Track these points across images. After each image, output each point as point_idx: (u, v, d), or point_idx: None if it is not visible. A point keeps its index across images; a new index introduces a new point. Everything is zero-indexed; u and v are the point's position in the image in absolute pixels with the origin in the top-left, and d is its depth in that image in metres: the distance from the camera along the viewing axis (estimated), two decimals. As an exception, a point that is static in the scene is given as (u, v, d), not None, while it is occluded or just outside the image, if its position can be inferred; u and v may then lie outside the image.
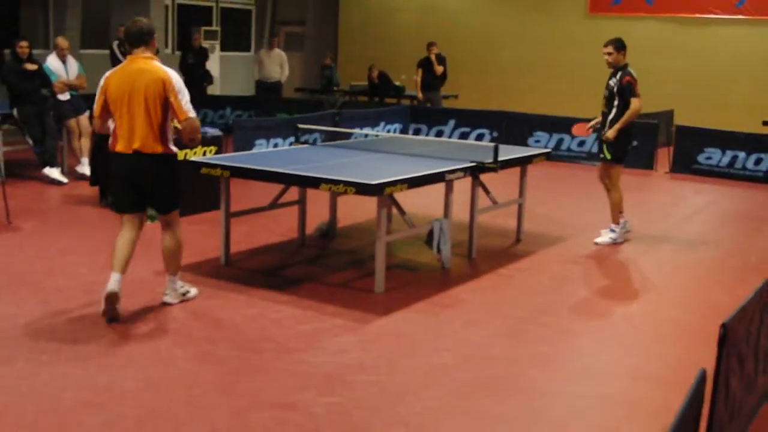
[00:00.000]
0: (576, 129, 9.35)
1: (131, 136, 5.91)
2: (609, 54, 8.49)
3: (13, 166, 11.02)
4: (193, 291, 6.50)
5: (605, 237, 8.65)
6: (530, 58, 19.67)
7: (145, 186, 6.05)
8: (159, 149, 5.95)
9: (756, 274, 7.72)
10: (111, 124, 6.08)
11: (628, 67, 8.46)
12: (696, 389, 3.06)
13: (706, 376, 3.22)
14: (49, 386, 4.82)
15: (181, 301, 6.35)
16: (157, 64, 6.03)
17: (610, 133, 8.40)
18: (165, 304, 6.29)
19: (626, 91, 8.35)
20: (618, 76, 8.42)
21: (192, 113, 5.98)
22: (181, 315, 6.11)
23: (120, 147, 5.97)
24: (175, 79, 5.96)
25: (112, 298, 5.86)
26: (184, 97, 5.94)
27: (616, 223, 8.67)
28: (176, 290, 6.36)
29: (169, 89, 5.88)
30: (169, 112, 5.96)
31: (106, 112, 6.04)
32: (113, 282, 5.90)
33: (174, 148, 6.08)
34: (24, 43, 10.92)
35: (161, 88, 5.87)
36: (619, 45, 8.52)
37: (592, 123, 8.94)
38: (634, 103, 8.33)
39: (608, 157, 8.51)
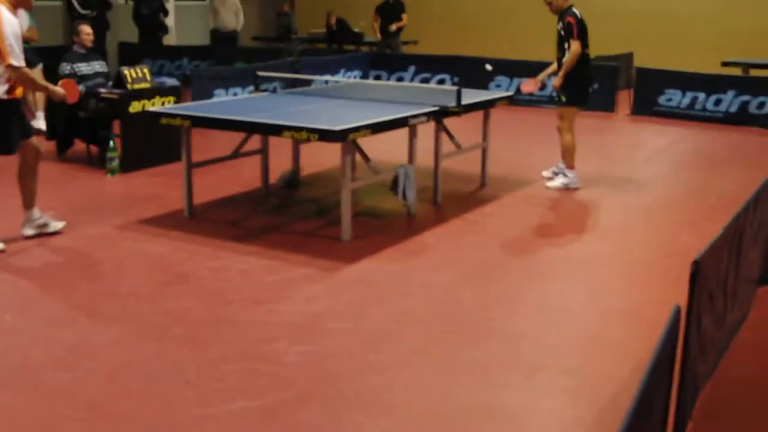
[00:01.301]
0: (524, 86, 9.12)
1: None
2: (549, 3, 8.44)
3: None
4: (54, 224, 6.51)
5: (556, 181, 8.64)
6: (491, 3, 19.51)
7: None
8: None
9: (717, 213, 7.77)
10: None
11: (572, 8, 8.38)
12: (671, 325, 3.06)
13: (680, 312, 3.23)
14: (16, 344, 4.75)
15: (38, 235, 6.37)
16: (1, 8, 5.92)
17: (556, 81, 8.42)
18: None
19: (565, 32, 8.32)
20: (563, 19, 8.34)
21: (17, 62, 5.89)
22: (146, 269, 6.03)
23: None
24: (5, 20, 5.88)
25: None
26: (8, 42, 5.85)
27: (570, 167, 8.61)
28: (33, 221, 6.42)
29: None
30: None
31: None
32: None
33: (2, 94, 6.01)
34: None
35: None
36: None
37: (541, 75, 8.89)
38: (573, 45, 8.26)
39: (563, 99, 8.48)
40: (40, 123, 10.93)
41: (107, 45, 15.26)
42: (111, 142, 8.81)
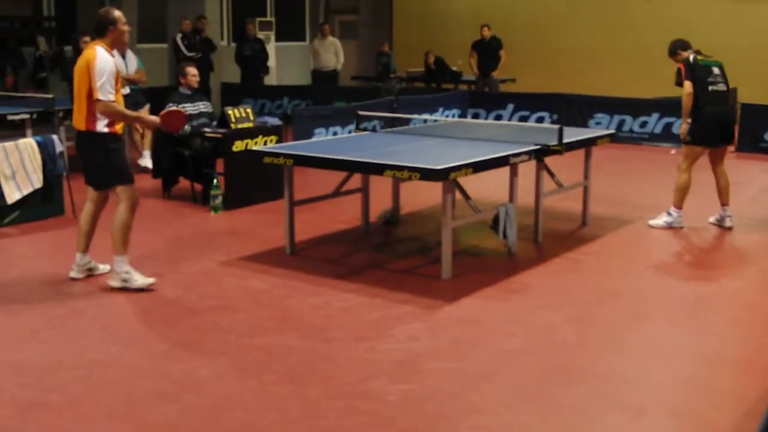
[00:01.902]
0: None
1: (74, 114, 6.33)
2: (676, 62, 8.47)
3: (76, 160, 11.10)
4: (140, 281, 6.34)
5: (659, 219, 8.46)
6: (588, 40, 19.37)
7: (80, 159, 6.54)
8: (82, 126, 6.22)
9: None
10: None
11: (687, 57, 8.37)
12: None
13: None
14: (122, 377, 4.84)
15: (122, 288, 6.30)
16: (96, 47, 6.18)
17: (682, 130, 8.44)
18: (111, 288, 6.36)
19: (677, 77, 8.36)
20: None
21: (104, 96, 6.06)
22: (248, 305, 6.10)
23: None
24: (99, 59, 6.08)
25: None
26: (100, 79, 6.04)
27: (677, 207, 8.43)
28: (118, 273, 6.35)
29: (91, 68, 6.07)
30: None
31: None
32: (73, 266, 6.60)
33: (102, 127, 6.19)
34: (87, 38, 11.00)
35: (85, 67, 6.11)
36: (672, 49, 8.55)
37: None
38: (684, 88, 8.24)
39: (687, 139, 8.36)
40: (146, 161, 11.26)
41: (211, 85, 15.66)
42: (215, 180, 8.99)
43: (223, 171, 9.30)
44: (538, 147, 7.43)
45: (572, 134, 8.22)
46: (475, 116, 15.68)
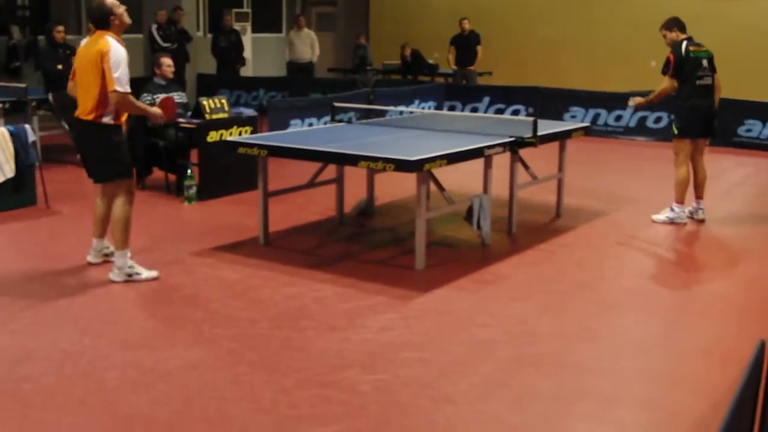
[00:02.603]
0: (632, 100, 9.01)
1: (79, 103, 6.28)
2: (664, 36, 8.48)
3: (49, 150, 11.06)
4: (146, 273, 6.33)
5: (662, 215, 8.48)
6: (564, 34, 19.42)
7: (80, 150, 6.48)
8: (90, 116, 6.16)
9: (803, 245, 7.62)
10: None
11: (679, 44, 8.32)
12: (755, 361, 2.98)
13: (765, 347, 3.14)
14: (93, 367, 4.82)
15: (126, 281, 6.27)
16: (106, 38, 6.13)
17: (632, 101, 8.67)
18: (111, 281, 6.31)
19: (664, 66, 8.32)
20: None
21: (121, 88, 6.03)
22: (221, 295, 6.09)
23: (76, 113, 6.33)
24: (114, 50, 6.05)
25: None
26: (117, 70, 6.01)
27: (679, 202, 8.40)
28: (121, 268, 6.31)
29: (105, 60, 6.02)
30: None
31: (74, 79, 6.45)
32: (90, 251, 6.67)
33: (109, 120, 6.17)
34: (61, 28, 10.96)
35: (98, 58, 6.05)
36: (669, 24, 8.49)
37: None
38: (663, 81, 8.27)
39: (675, 132, 8.41)
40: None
41: (186, 76, 15.59)
42: (189, 171, 8.97)
43: (198, 161, 9.27)
44: (513, 139, 7.45)
45: (547, 127, 8.26)
46: (452, 109, 15.71)
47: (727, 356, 5.14)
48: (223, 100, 9.70)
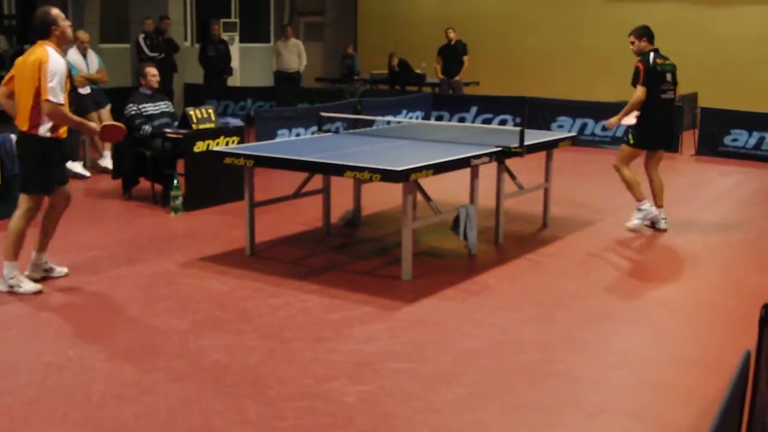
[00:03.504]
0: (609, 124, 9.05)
1: (17, 113, 6.21)
2: (632, 43, 8.49)
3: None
4: (28, 286, 6.23)
5: (634, 220, 8.49)
6: (551, 44, 19.50)
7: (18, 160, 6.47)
8: (24, 127, 6.13)
9: (788, 255, 7.64)
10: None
11: (647, 54, 8.35)
12: (741, 370, 2.98)
13: (751, 356, 3.14)
14: (77, 380, 4.79)
15: (9, 292, 6.20)
16: (46, 47, 6.05)
17: (611, 121, 8.64)
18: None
19: (634, 77, 8.33)
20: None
21: (54, 98, 5.95)
22: (207, 306, 6.07)
23: None
24: (52, 61, 5.97)
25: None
26: (51, 80, 5.94)
27: (640, 200, 8.45)
28: (5, 278, 6.25)
29: (43, 69, 5.94)
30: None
31: (6, 85, 6.35)
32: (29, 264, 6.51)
33: (45, 132, 6.09)
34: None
35: (36, 67, 5.97)
36: (640, 33, 8.49)
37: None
38: (636, 91, 8.28)
39: (630, 141, 8.44)
40: (106, 162, 11.17)
41: (173, 86, 15.56)
42: (175, 181, 8.94)
43: (184, 172, 9.24)
44: (500, 149, 7.46)
45: (534, 137, 8.27)
46: (439, 118, 15.73)
47: (714, 365, 5.14)
48: (210, 110, 9.68)
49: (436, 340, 5.51)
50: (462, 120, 15.49)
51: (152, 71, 9.63)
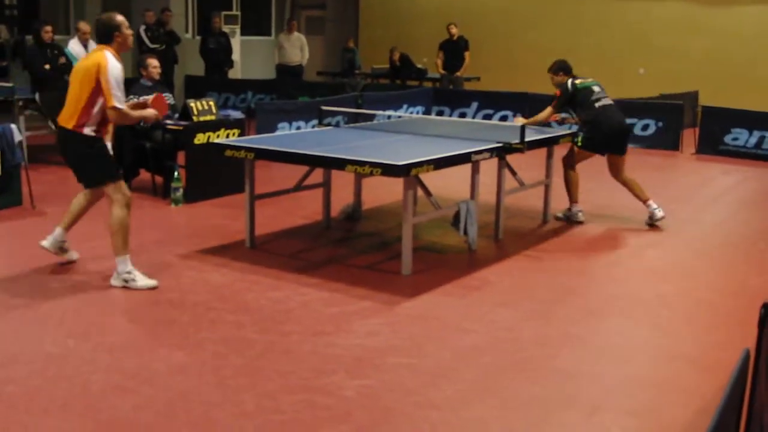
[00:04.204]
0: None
1: (63, 110, 6.27)
2: (551, 79, 8.97)
3: (36, 150, 11.02)
4: (142, 282, 6.22)
5: (560, 214, 8.81)
6: (552, 40, 19.47)
7: (62, 156, 6.44)
8: (69, 125, 6.16)
9: (788, 254, 7.64)
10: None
11: (565, 84, 8.76)
12: (740, 369, 2.98)
13: (750, 355, 3.14)
14: (78, 370, 4.80)
15: (124, 287, 6.19)
16: (105, 53, 6.13)
17: (518, 120, 9.06)
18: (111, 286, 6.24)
19: (553, 100, 8.79)
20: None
21: (120, 104, 6.08)
22: (207, 298, 6.07)
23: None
24: (112, 66, 6.05)
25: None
26: (114, 87, 6.04)
27: (573, 201, 8.76)
28: (119, 273, 6.24)
29: (102, 74, 6.01)
30: (96, 94, 6.09)
31: None
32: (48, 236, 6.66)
33: (90, 132, 6.16)
34: (48, 28, 10.91)
35: (94, 71, 6.04)
36: (555, 69, 8.99)
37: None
38: (547, 110, 8.81)
39: (579, 143, 8.66)
40: (107, 153, 11.13)
41: (174, 78, 15.55)
42: (176, 173, 8.94)
43: (185, 164, 9.25)
44: (500, 145, 7.46)
45: (535, 133, 8.28)
46: (440, 113, 15.72)
47: (713, 364, 5.15)
48: (211, 103, 9.68)
49: (435, 335, 5.52)
50: (463, 115, 15.48)
51: (153, 63, 9.62)
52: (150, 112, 6.66)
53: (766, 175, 11.99)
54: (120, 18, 6.27)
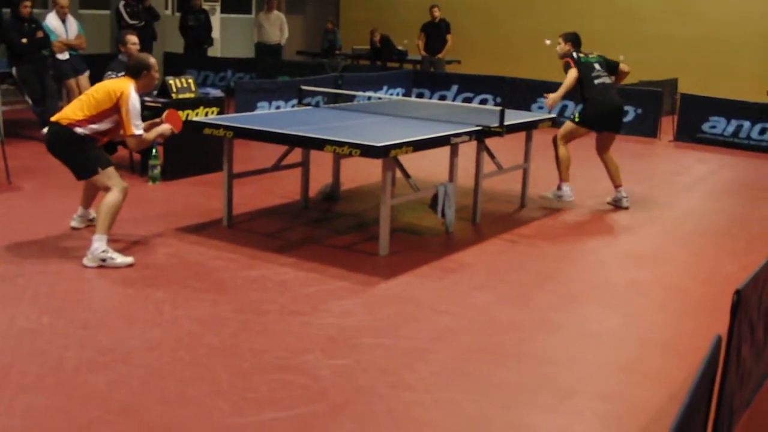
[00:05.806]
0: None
1: (65, 111, 6.47)
2: (558, 44, 9.06)
3: (12, 125, 10.93)
4: (120, 260, 6.20)
5: (548, 192, 8.93)
6: (536, 26, 19.47)
7: (51, 152, 6.47)
8: (65, 122, 6.28)
9: (760, 243, 7.72)
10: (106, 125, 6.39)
11: (570, 53, 8.90)
12: (712, 355, 3.01)
13: (721, 342, 3.18)
14: (52, 346, 4.78)
15: (100, 266, 6.15)
16: (130, 85, 6.36)
17: (547, 102, 8.98)
18: (83, 266, 6.20)
19: (565, 67, 8.80)
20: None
21: (139, 132, 6.34)
22: (183, 276, 6.06)
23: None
24: (132, 98, 6.27)
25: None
26: (134, 117, 6.27)
27: (564, 180, 8.81)
28: (93, 251, 6.20)
29: (123, 102, 6.22)
30: (107, 114, 6.29)
31: None
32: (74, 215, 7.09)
33: (80, 131, 6.27)
34: (28, 3, 10.78)
35: (116, 96, 6.26)
36: (567, 37, 9.14)
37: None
38: (568, 75, 8.75)
39: (575, 118, 8.73)
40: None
41: (153, 55, 15.43)
42: (153, 151, 8.88)
43: (162, 141, 9.18)
44: (480, 128, 7.46)
45: (514, 117, 8.29)
46: (420, 96, 15.71)
47: (685, 350, 5.20)
48: (190, 80, 9.63)
49: (411, 316, 5.53)
50: (443, 98, 15.48)
51: (133, 39, 9.53)
52: (165, 127, 6.77)
53: (742, 164, 12.08)
54: (153, 61, 6.58)
